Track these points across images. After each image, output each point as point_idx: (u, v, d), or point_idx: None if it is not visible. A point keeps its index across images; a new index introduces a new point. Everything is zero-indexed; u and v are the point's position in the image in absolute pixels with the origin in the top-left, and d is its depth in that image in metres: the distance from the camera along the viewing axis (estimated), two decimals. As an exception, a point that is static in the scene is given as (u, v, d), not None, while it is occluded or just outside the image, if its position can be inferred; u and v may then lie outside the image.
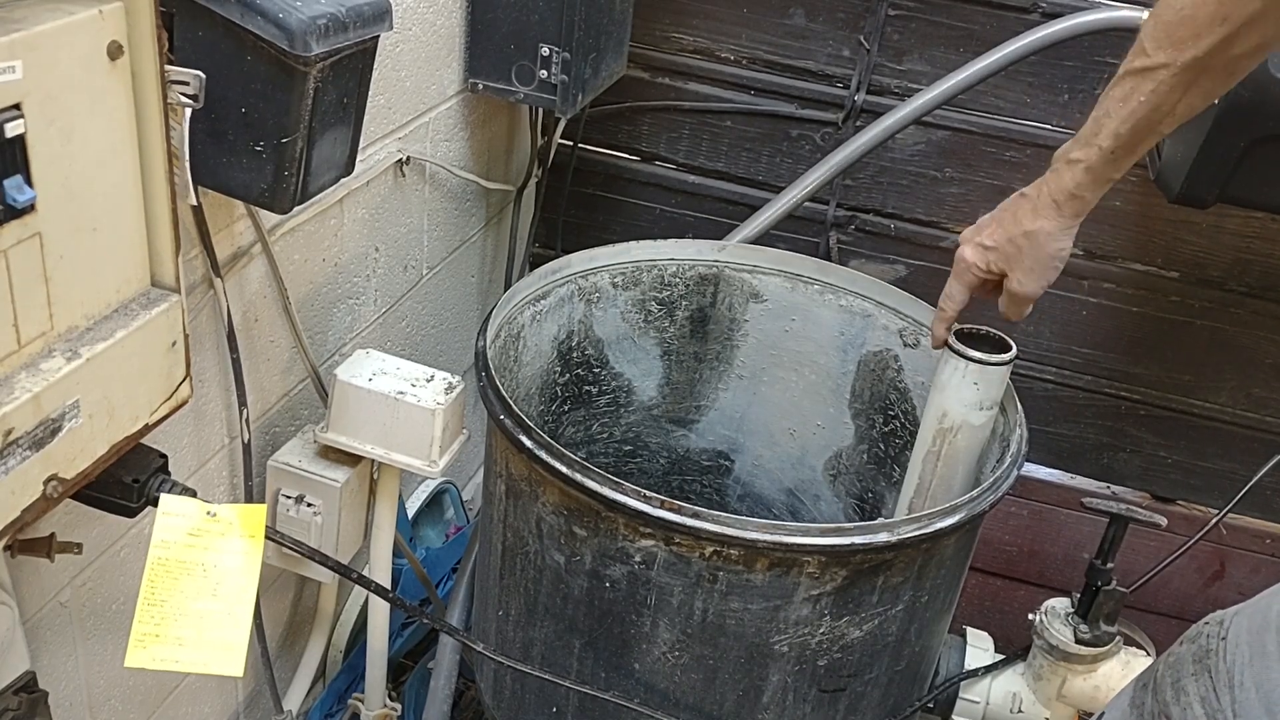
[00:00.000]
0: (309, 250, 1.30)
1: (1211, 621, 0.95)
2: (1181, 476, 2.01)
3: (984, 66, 1.60)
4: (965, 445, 1.24)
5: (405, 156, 1.45)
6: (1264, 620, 0.87)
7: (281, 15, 0.88)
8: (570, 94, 1.52)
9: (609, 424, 1.60)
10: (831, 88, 1.86)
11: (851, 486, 1.57)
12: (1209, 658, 0.89)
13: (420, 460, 1.24)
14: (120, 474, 0.87)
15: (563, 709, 1.24)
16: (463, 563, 1.52)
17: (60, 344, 0.77)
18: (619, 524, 1.07)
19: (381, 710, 1.51)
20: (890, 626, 1.15)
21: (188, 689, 1.30)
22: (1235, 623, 0.91)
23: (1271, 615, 0.86)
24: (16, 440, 0.73)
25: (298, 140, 0.96)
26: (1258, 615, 0.89)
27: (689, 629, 1.11)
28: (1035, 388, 1.97)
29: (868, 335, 1.50)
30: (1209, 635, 0.92)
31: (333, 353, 1.42)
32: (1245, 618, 0.91)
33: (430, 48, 1.46)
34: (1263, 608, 0.89)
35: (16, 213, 0.69)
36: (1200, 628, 0.96)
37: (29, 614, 0.99)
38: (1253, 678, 0.84)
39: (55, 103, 0.70)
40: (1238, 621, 0.91)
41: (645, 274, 1.51)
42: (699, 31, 1.88)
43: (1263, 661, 0.84)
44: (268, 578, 1.37)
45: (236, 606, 0.91)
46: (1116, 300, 1.89)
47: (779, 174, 1.93)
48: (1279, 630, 0.84)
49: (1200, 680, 0.89)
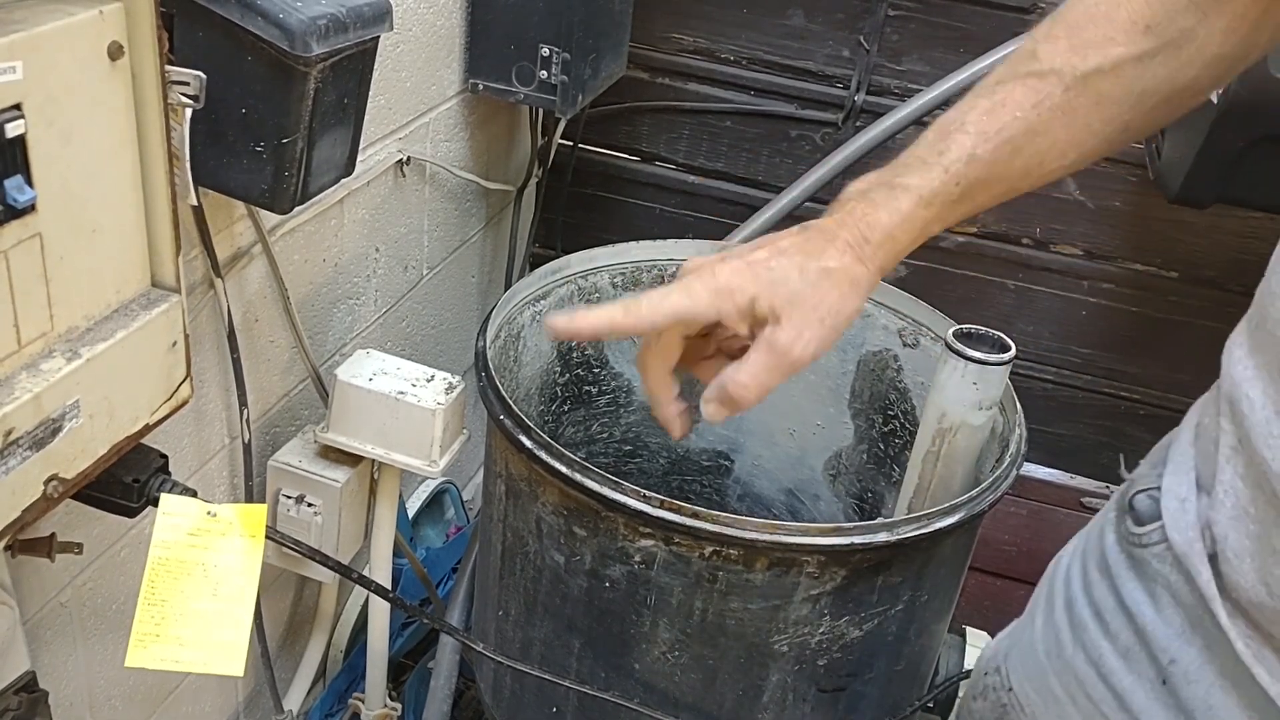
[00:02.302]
0: (309, 250, 1.30)
1: (989, 671, 0.91)
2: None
3: (983, 67, 1.60)
4: (964, 445, 1.24)
5: (405, 157, 1.45)
6: (1037, 663, 0.83)
7: (282, 16, 0.88)
8: (570, 94, 1.52)
9: (609, 424, 1.60)
10: (831, 88, 1.86)
11: (851, 486, 1.57)
12: (1008, 713, 0.86)
13: (420, 460, 1.24)
14: (121, 474, 0.87)
15: (562, 709, 1.24)
16: (463, 563, 1.53)
17: (60, 344, 0.77)
18: (619, 524, 1.07)
19: (382, 710, 1.52)
20: (890, 626, 1.15)
21: (188, 689, 1.30)
22: (1010, 668, 0.87)
23: (1041, 656, 0.83)
24: (17, 440, 0.73)
25: (298, 141, 0.96)
26: (1029, 658, 0.85)
27: (688, 629, 1.11)
28: (1034, 388, 1.97)
29: (867, 335, 1.50)
30: (994, 687, 0.88)
31: (333, 353, 1.42)
32: (1017, 661, 0.86)
33: (430, 48, 1.46)
34: (1028, 647, 0.85)
35: (17, 213, 0.69)
36: (982, 679, 0.91)
37: (29, 614, 0.99)
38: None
39: (55, 103, 0.70)
40: (1012, 667, 0.87)
41: (645, 274, 1.51)
42: (699, 32, 1.88)
43: (1058, 707, 0.81)
44: (268, 578, 1.37)
45: (237, 606, 0.91)
46: (1116, 300, 1.89)
47: (779, 174, 1.93)
48: (1057, 674, 0.81)
49: None
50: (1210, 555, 0.69)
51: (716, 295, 0.74)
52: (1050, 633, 0.83)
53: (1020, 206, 1.85)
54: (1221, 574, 0.68)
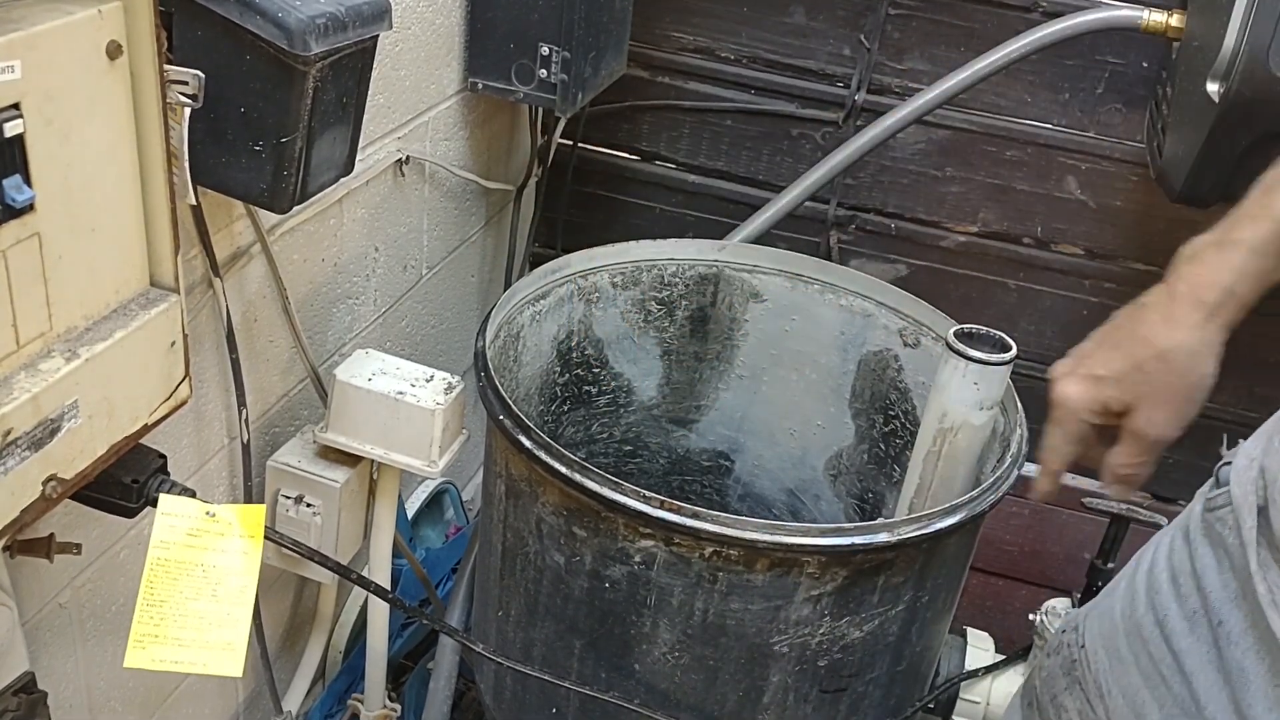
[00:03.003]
0: (308, 250, 1.30)
1: (1068, 629, 0.93)
2: (1183, 476, 2.00)
3: (985, 66, 1.60)
4: (966, 445, 1.24)
5: (405, 156, 1.45)
6: (1111, 624, 0.85)
7: (281, 15, 0.88)
8: (570, 93, 1.52)
9: (609, 424, 1.60)
10: (832, 87, 1.86)
11: (852, 486, 1.57)
12: (1075, 669, 0.88)
13: (420, 460, 1.23)
14: (119, 474, 0.87)
15: (563, 710, 1.24)
16: (463, 563, 1.52)
17: (59, 344, 0.76)
18: (619, 524, 1.07)
19: (381, 711, 1.51)
20: (891, 627, 1.15)
21: (188, 690, 1.30)
22: (1088, 628, 0.89)
23: (1116, 618, 0.85)
24: (15, 440, 0.73)
25: (297, 140, 0.96)
26: (1105, 619, 0.87)
27: (689, 629, 1.11)
28: (1036, 388, 1.96)
29: (868, 335, 1.50)
30: (1069, 644, 0.91)
31: (332, 353, 1.42)
32: (1095, 621, 0.89)
33: (430, 47, 1.46)
34: (1106, 610, 0.87)
35: (15, 213, 0.69)
36: (1060, 636, 0.95)
37: (28, 615, 0.99)
38: (1116, 684, 0.83)
39: (54, 102, 0.70)
40: (1089, 627, 0.89)
41: (645, 274, 1.51)
42: (699, 30, 1.88)
43: (1121, 667, 0.83)
44: (267, 578, 1.37)
45: (236, 607, 0.91)
46: (1118, 300, 1.86)
47: (779, 173, 1.93)
48: (1127, 634, 0.83)
49: (1073, 693, 0.88)
50: (1260, 507, 0.71)
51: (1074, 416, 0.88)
52: (1129, 595, 0.85)
53: (1022, 206, 1.85)
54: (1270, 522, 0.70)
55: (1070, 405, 0.88)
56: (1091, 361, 0.87)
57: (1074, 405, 0.87)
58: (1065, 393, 0.88)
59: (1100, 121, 1.77)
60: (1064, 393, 0.88)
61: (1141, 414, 0.84)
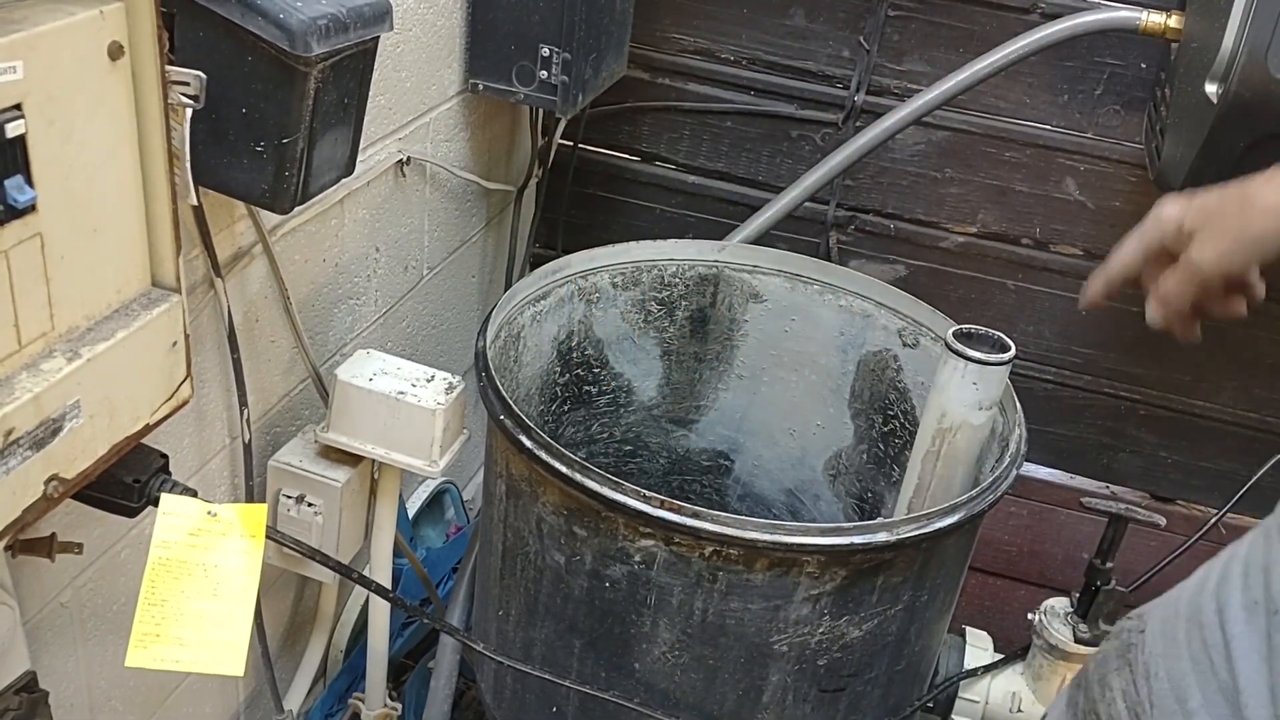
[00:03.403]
0: (310, 250, 1.30)
1: (1134, 616, 0.96)
2: (1181, 476, 2.01)
3: (984, 67, 1.60)
4: (965, 445, 1.24)
5: (406, 157, 1.45)
6: (1174, 610, 0.88)
7: (282, 16, 0.88)
8: (570, 94, 1.52)
9: (609, 424, 1.60)
10: (831, 88, 1.86)
11: (851, 486, 1.57)
12: (1130, 652, 0.91)
13: (421, 460, 1.24)
14: (121, 474, 0.87)
15: (563, 709, 1.24)
16: (463, 563, 1.53)
17: (61, 344, 0.77)
18: (619, 524, 1.07)
19: (382, 710, 1.52)
20: (890, 626, 1.15)
21: (188, 689, 1.30)
22: (1152, 615, 0.92)
23: (1181, 605, 0.87)
24: (17, 440, 0.73)
25: (298, 140, 0.96)
26: (1170, 607, 0.90)
27: (689, 629, 1.11)
28: (1035, 388, 1.97)
29: (868, 335, 1.50)
30: (1130, 630, 0.94)
31: (333, 353, 1.42)
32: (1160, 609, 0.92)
33: (430, 48, 1.46)
34: (1174, 599, 0.90)
35: (17, 213, 0.69)
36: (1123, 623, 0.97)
37: (30, 614, 0.99)
38: (1165, 668, 0.85)
39: (56, 103, 0.70)
40: (1153, 614, 0.92)
41: (645, 274, 1.51)
42: (699, 32, 1.88)
43: (1174, 650, 0.85)
44: (268, 578, 1.37)
45: (237, 606, 0.91)
46: (1117, 300, 1.88)
47: (779, 174, 1.93)
48: (1187, 619, 0.85)
49: (1122, 674, 0.90)
50: None
51: (1156, 225, 0.90)
52: (1198, 584, 0.87)
53: (1021, 207, 1.85)
54: None
55: (1160, 216, 0.92)
56: (1198, 195, 0.91)
57: (1163, 217, 0.91)
58: (1161, 208, 0.92)
59: (1099, 123, 1.77)
60: (1160, 208, 0.93)
61: (1197, 242, 0.88)
